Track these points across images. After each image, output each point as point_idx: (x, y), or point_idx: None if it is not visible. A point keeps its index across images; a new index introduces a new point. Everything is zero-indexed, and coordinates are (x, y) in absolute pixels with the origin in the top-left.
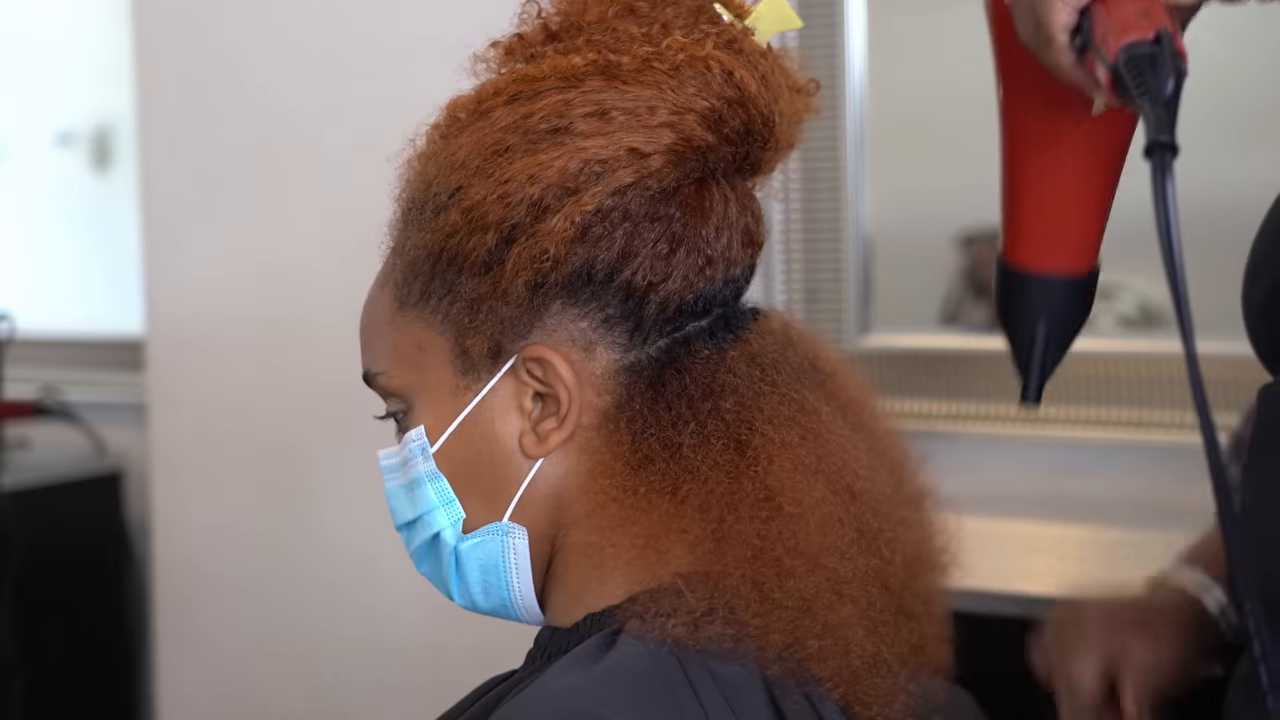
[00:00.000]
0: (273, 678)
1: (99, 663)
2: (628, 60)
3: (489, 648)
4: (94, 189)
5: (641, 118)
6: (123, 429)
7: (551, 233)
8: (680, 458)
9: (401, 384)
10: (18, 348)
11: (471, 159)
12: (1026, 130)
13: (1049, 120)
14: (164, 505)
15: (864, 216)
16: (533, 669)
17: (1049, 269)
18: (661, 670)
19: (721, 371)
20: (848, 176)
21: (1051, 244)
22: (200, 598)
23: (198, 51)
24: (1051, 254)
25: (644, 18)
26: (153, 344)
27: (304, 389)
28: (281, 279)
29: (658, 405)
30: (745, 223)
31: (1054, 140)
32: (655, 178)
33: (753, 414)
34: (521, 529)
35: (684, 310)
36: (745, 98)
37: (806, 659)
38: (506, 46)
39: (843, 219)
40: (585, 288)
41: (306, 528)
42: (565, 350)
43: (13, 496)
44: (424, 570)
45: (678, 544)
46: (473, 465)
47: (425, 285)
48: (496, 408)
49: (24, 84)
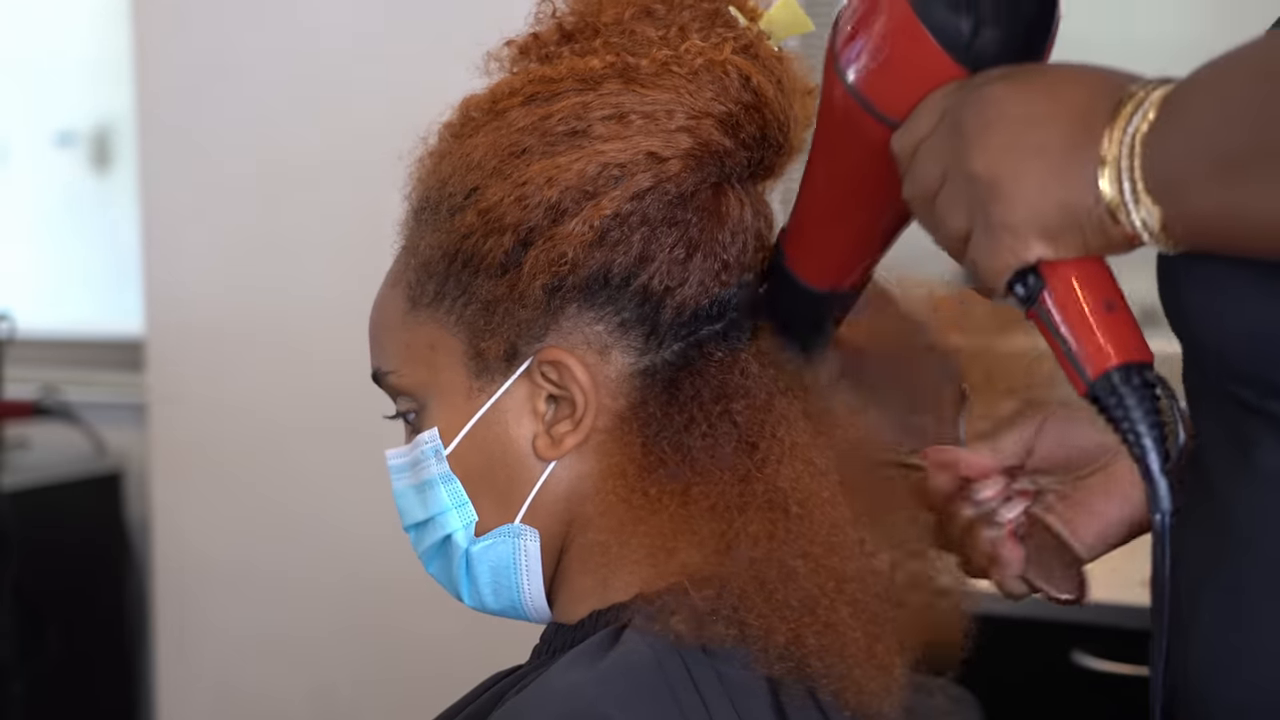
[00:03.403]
0: (272, 677)
1: (99, 663)
2: (646, 63)
3: (492, 644)
4: (94, 189)
5: (659, 122)
6: (123, 429)
7: (569, 236)
8: (691, 460)
9: (412, 383)
10: (18, 348)
11: (488, 159)
12: (824, 166)
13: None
14: (164, 505)
15: None
16: (537, 664)
17: (808, 280)
18: (665, 668)
19: (734, 374)
20: None
21: (817, 264)
22: (200, 597)
23: (198, 51)
24: (813, 272)
25: (660, 20)
26: (153, 344)
27: (304, 389)
28: (281, 279)
29: (671, 408)
30: (758, 227)
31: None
32: (673, 182)
33: (763, 416)
34: (533, 531)
35: (699, 314)
36: (761, 103)
37: (805, 655)
38: (521, 45)
39: None
40: (602, 291)
41: (306, 528)
42: (581, 353)
43: (13, 496)
44: (432, 571)
45: (687, 545)
46: (485, 467)
47: (440, 285)
48: (510, 410)
49: (24, 84)
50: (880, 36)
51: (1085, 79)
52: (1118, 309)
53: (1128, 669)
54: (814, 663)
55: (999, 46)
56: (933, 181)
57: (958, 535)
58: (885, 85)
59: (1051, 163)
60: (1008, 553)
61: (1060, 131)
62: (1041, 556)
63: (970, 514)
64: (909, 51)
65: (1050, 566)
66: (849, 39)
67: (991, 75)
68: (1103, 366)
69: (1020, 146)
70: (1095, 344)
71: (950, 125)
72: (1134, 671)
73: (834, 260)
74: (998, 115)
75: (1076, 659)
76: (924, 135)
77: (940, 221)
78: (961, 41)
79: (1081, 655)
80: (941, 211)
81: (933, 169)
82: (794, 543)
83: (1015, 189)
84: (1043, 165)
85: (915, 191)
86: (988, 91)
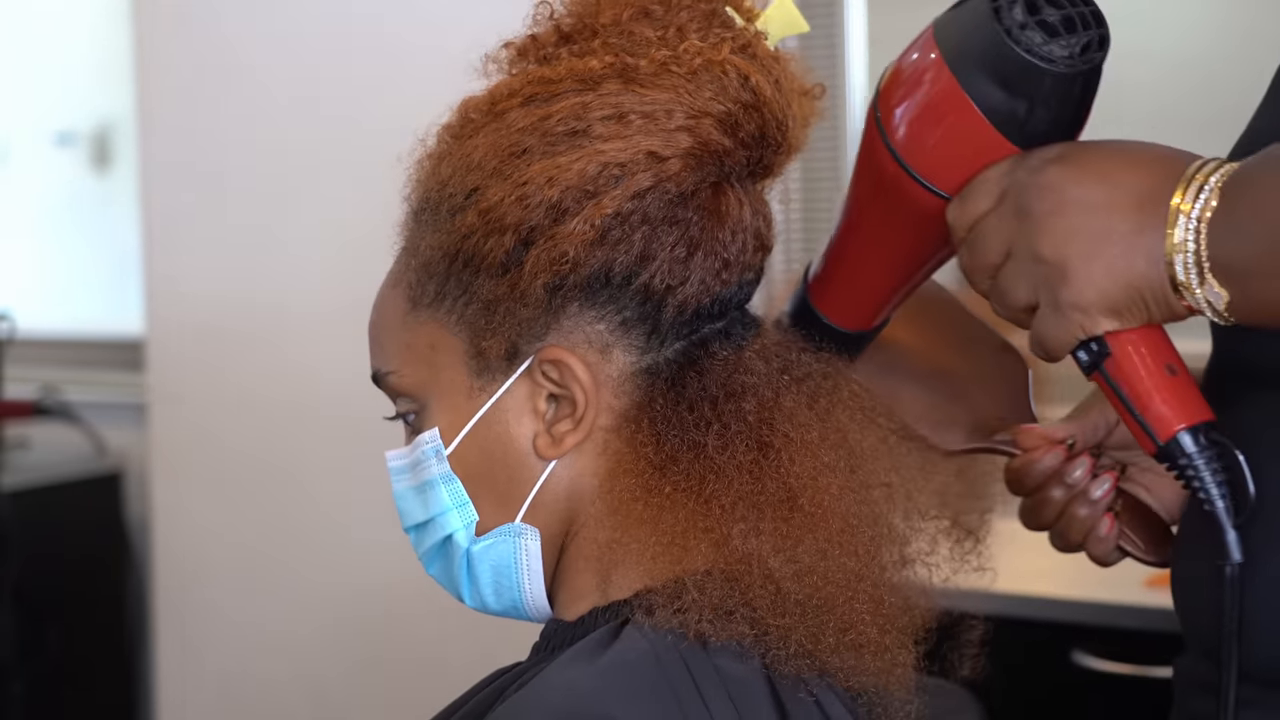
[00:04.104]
0: (273, 676)
1: (99, 663)
2: (645, 64)
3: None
4: (94, 189)
5: (659, 121)
6: (123, 429)
7: (570, 235)
8: (705, 458)
9: (413, 384)
10: (18, 348)
11: (488, 160)
12: (866, 224)
13: (891, 230)
14: (164, 505)
15: None
16: (537, 661)
17: (836, 322)
18: (664, 664)
19: (740, 372)
20: (848, 177)
21: (847, 309)
22: (200, 597)
23: (198, 51)
24: (843, 315)
25: (658, 21)
26: (153, 344)
27: (304, 389)
28: (281, 279)
29: (680, 407)
30: (758, 226)
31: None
32: (673, 181)
33: (773, 414)
34: (534, 530)
35: (700, 313)
36: (760, 102)
37: (823, 653)
38: (519, 47)
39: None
40: (603, 290)
41: (306, 527)
42: (582, 352)
43: (13, 497)
44: (433, 572)
45: (701, 543)
46: (486, 467)
47: (440, 285)
48: (511, 409)
49: (24, 84)
50: (931, 113)
51: (1140, 162)
52: (1178, 372)
53: (1128, 669)
54: (832, 660)
55: (1049, 125)
56: (995, 258)
57: (1051, 516)
58: (937, 160)
59: (1118, 247)
60: (1103, 526)
61: (1123, 217)
62: (1130, 525)
63: (1061, 495)
64: (962, 130)
65: (1139, 533)
66: (897, 110)
67: (1046, 156)
68: (1170, 430)
69: (1085, 232)
70: (1160, 408)
71: (1013, 207)
72: (1134, 671)
73: (867, 308)
74: (1059, 201)
75: (1076, 659)
76: (983, 212)
77: (1003, 294)
78: (1016, 123)
79: (1081, 655)
80: (1004, 285)
81: (996, 246)
82: (808, 540)
83: (1083, 272)
84: (1109, 250)
85: (976, 264)
86: (1047, 177)
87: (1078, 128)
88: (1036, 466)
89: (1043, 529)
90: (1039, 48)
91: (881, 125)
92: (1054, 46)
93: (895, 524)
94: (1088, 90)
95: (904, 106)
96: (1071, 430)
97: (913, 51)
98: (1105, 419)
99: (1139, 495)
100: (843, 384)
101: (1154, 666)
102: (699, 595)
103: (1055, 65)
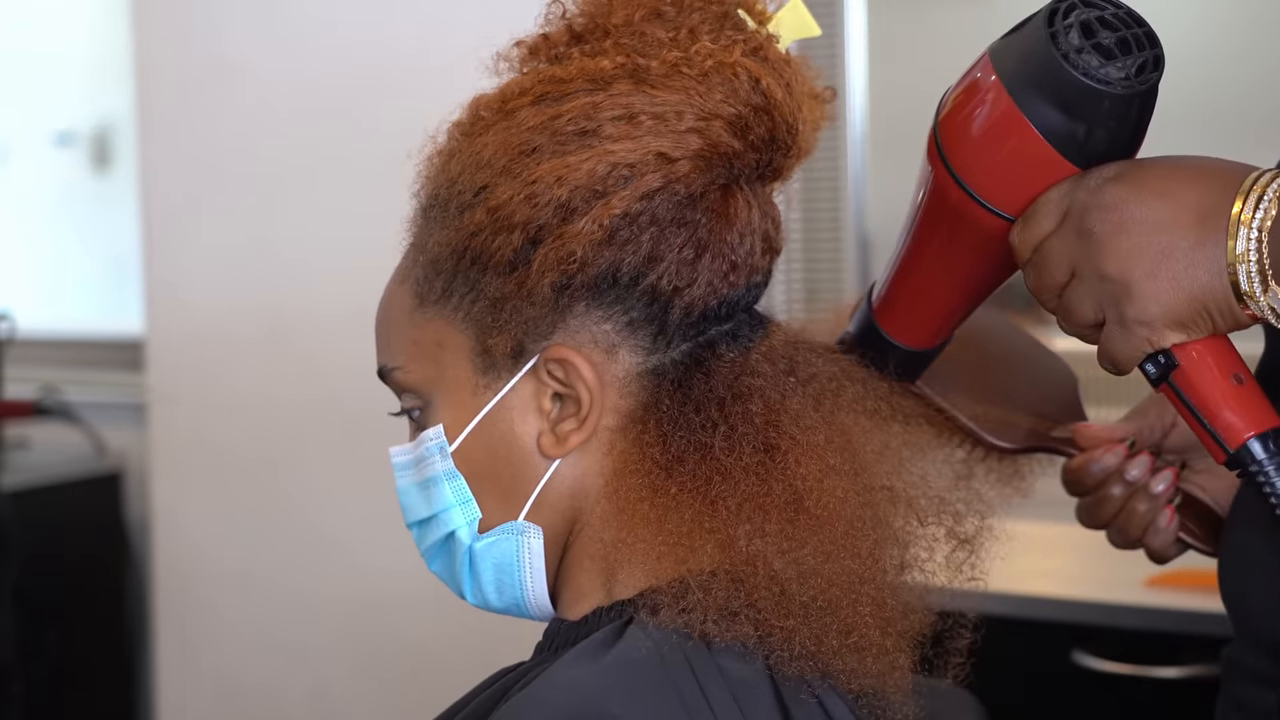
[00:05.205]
0: (273, 676)
1: (99, 663)
2: (656, 65)
3: (492, 641)
4: (94, 189)
5: (669, 122)
6: (123, 429)
7: (579, 235)
8: (711, 459)
9: (419, 380)
10: (18, 348)
11: (498, 158)
12: (930, 247)
13: (955, 252)
14: (164, 505)
15: (864, 216)
16: (540, 660)
17: (902, 341)
18: (667, 663)
19: (746, 374)
20: (848, 176)
21: (913, 329)
22: (200, 597)
23: (197, 52)
24: (909, 335)
25: (670, 22)
26: (153, 344)
27: (304, 389)
28: (281, 278)
29: (686, 408)
30: (766, 228)
31: (952, 265)
32: (682, 183)
33: (779, 416)
34: (537, 528)
35: (708, 315)
36: (771, 105)
37: (827, 656)
38: (531, 46)
39: (843, 219)
40: (610, 290)
41: (306, 527)
42: (588, 352)
43: (13, 497)
44: (435, 569)
45: (706, 543)
46: (490, 464)
47: (448, 283)
48: (516, 407)
49: (24, 84)
50: (993, 137)
51: (1198, 176)
52: (1245, 381)
53: (1128, 669)
54: (835, 662)
55: (1108, 145)
56: (1061, 277)
57: (1110, 514)
58: (999, 183)
59: (1180, 263)
60: (1164, 519)
61: (1184, 233)
62: (1189, 519)
63: (1121, 492)
64: (1023, 153)
65: (1197, 526)
66: (958, 136)
67: (1105, 175)
68: (1240, 438)
69: (1148, 249)
70: (1229, 417)
71: (1075, 228)
72: (1134, 671)
73: (932, 328)
74: (1121, 220)
75: (1076, 659)
76: (1047, 233)
77: (1070, 311)
78: (1076, 144)
79: (1081, 655)
80: (1070, 303)
81: (1061, 265)
82: (813, 542)
83: (1149, 288)
84: (1173, 265)
85: (1042, 284)
86: (1108, 196)
87: (1135, 146)
88: (1097, 465)
89: (1100, 527)
90: (1096, 71)
91: (943, 151)
92: (1110, 69)
93: (897, 527)
94: (1144, 110)
95: (965, 132)
96: (1130, 430)
97: (970, 77)
98: (1163, 421)
99: (1196, 493)
100: (847, 386)
101: (1154, 666)
102: (704, 596)
103: (1112, 87)
